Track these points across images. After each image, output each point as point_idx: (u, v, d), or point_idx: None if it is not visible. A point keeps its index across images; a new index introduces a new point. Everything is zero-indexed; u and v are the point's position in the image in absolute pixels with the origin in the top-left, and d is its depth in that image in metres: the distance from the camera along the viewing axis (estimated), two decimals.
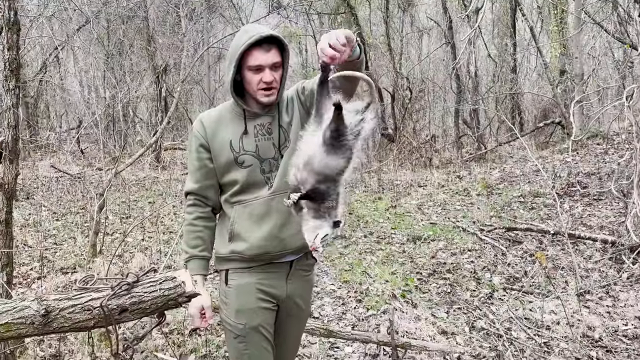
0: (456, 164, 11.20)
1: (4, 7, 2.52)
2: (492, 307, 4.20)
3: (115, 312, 1.43)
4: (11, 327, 1.44)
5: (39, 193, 8.15)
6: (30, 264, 5.09)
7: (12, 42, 2.53)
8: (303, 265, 2.08)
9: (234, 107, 2.00)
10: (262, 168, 1.95)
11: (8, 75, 2.56)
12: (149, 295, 1.45)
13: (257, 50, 1.84)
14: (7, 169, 2.60)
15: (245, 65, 1.87)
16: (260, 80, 1.87)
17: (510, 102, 14.58)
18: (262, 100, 1.91)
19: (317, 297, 4.52)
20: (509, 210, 7.19)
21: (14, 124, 2.59)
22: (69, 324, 1.45)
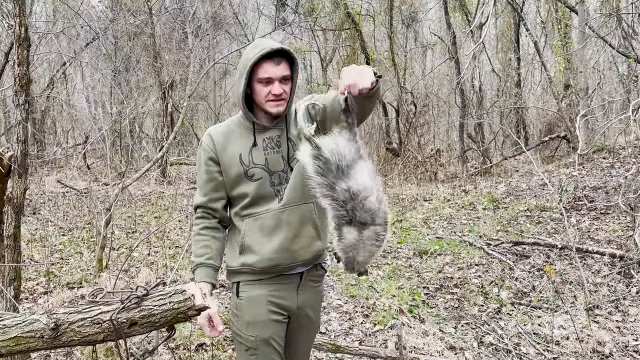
0: (462, 178, 11.18)
1: (15, 23, 2.55)
2: (501, 322, 4.16)
3: (124, 326, 1.43)
4: (20, 341, 1.43)
5: (46, 208, 8.18)
6: (37, 279, 5.10)
7: (23, 57, 2.56)
8: (313, 276, 2.09)
9: (242, 121, 2.02)
10: (271, 181, 1.96)
11: (18, 90, 2.59)
12: (158, 309, 1.44)
13: (267, 63, 1.87)
14: (16, 183, 2.61)
15: (255, 77, 1.90)
16: (269, 92, 1.89)
17: (515, 116, 14.58)
18: (270, 110, 1.93)
19: (324, 312, 4.49)
20: (516, 225, 7.15)
21: (23, 138, 2.61)
22: (78, 338, 1.44)
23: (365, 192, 1.59)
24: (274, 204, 1.96)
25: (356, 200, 1.58)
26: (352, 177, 1.61)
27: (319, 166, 1.62)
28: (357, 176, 1.61)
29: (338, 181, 1.61)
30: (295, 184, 1.97)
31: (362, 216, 1.61)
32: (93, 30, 11.38)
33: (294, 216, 1.97)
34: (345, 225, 1.63)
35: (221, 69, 16.83)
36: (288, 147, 1.99)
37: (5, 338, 1.44)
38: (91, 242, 6.35)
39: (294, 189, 1.97)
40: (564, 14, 11.85)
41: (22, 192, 2.63)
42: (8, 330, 1.45)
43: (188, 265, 5.60)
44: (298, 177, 1.96)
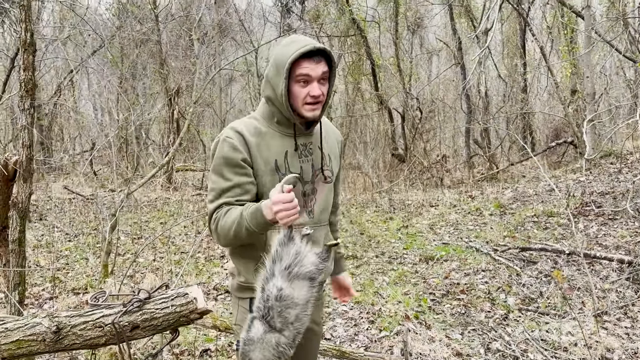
0: (468, 184, 11.14)
1: (20, 29, 2.56)
2: (508, 329, 4.12)
3: (127, 329, 1.42)
4: (22, 344, 1.43)
5: (52, 214, 8.21)
6: (43, 284, 5.10)
7: (28, 63, 2.57)
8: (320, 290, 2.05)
9: (270, 122, 1.82)
10: (303, 190, 1.83)
11: (24, 95, 2.59)
12: (160, 312, 1.43)
13: (306, 61, 1.69)
14: (21, 188, 2.61)
15: (293, 75, 1.71)
16: (307, 94, 1.72)
17: (521, 121, 14.54)
18: (307, 114, 1.75)
19: (329, 319, 4.47)
20: (523, 230, 7.10)
21: (28, 143, 2.62)
22: (81, 341, 1.43)
23: (291, 303, 1.55)
24: (304, 219, 1.83)
25: (278, 303, 1.54)
26: (292, 285, 1.55)
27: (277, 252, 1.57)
28: (297, 288, 1.56)
29: (277, 276, 1.55)
30: (326, 202, 1.91)
31: (274, 319, 1.55)
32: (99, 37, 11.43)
33: (320, 235, 1.89)
34: (258, 319, 1.58)
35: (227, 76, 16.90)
36: (321, 156, 1.86)
37: (7, 341, 1.43)
38: (97, 248, 6.36)
39: (324, 207, 1.90)
40: (570, 19, 11.82)
41: (27, 196, 2.63)
42: (10, 333, 1.44)
43: (193, 270, 5.60)
44: (328, 196, 1.92)
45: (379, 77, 13.94)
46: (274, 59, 1.75)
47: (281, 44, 1.76)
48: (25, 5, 2.55)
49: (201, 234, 7.04)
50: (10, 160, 2.62)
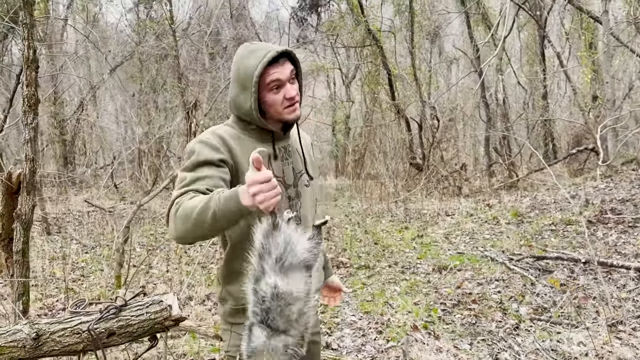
0: (486, 193, 11.01)
1: (24, 46, 2.64)
2: (518, 339, 4.04)
3: (103, 336, 1.44)
4: (4, 350, 1.46)
5: (71, 227, 8.38)
6: (57, 295, 5.20)
7: (31, 79, 2.65)
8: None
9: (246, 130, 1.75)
10: (288, 195, 1.76)
11: (27, 110, 2.66)
12: (136, 319, 1.45)
13: (272, 67, 1.64)
14: (25, 200, 2.68)
15: (263, 86, 1.65)
16: (283, 98, 1.67)
17: (542, 129, 14.34)
18: (289, 117, 1.70)
19: (337, 329, 4.45)
20: (540, 239, 6.98)
21: (31, 157, 2.69)
22: (59, 348, 1.46)
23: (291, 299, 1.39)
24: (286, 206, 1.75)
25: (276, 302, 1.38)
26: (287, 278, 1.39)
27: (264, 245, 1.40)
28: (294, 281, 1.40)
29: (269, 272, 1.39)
30: (311, 206, 1.85)
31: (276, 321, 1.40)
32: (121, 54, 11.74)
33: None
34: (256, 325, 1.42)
35: None
36: (300, 158, 1.83)
37: None
38: (112, 260, 6.46)
39: (310, 212, 1.84)
40: (588, 25, 11.65)
41: (31, 208, 2.70)
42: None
43: (205, 281, 5.64)
44: (312, 199, 1.87)
45: (396, 86, 13.93)
46: (236, 75, 1.69)
47: (239, 56, 1.69)
48: (29, 23, 2.63)
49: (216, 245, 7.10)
50: (14, 173, 2.69)
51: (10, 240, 3.02)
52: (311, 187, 1.86)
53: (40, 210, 7.93)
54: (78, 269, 6.17)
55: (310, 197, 1.86)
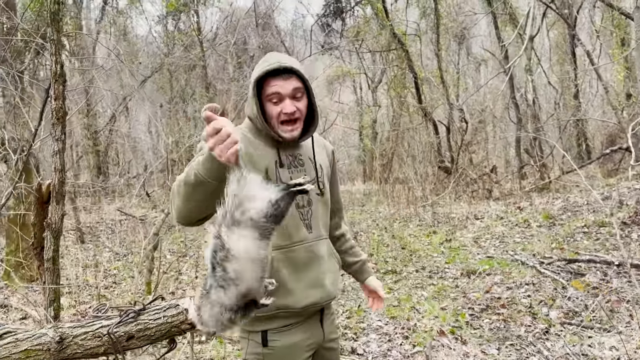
0: (517, 195, 10.82)
1: (51, 61, 2.74)
2: (547, 343, 3.96)
3: (122, 339, 1.49)
4: (30, 354, 1.52)
5: (104, 235, 8.60)
6: (90, 302, 5.34)
7: (59, 92, 2.75)
8: (329, 304, 1.96)
9: (257, 134, 1.78)
10: (296, 202, 1.76)
11: (55, 123, 2.76)
12: (154, 323, 1.50)
13: (274, 79, 1.68)
14: (54, 210, 2.77)
15: (264, 95, 1.71)
16: (280, 112, 1.70)
17: (574, 129, 14.03)
18: (284, 135, 1.72)
19: (363, 334, 4.44)
20: (572, 242, 6.83)
21: (60, 167, 2.79)
22: (82, 351, 1.52)
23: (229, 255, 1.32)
24: (305, 234, 1.77)
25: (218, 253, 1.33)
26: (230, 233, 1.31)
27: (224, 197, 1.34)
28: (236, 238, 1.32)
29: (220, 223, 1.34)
30: (323, 214, 1.86)
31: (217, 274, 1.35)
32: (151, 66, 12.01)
33: (323, 250, 1.83)
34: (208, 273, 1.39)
35: None
36: (315, 168, 1.84)
37: (17, 350, 1.54)
38: (143, 267, 6.60)
39: (322, 220, 1.85)
40: (619, 22, 11.36)
41: (60, 217, 2.79)
42: (20, 343, 1.54)
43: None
44: (324, 208, 1.88)
45: (422, 89, 13.85)
46: (251, 79, 1.74)
47: (257, 65, 1.75)
48: (55, 39, 2.73)
49: None
50: (43, 184, 2.79)
51: (42, 248, 3.14)
52: (323, 197, 1.88)
53: (74, 220, 8.17)
54: (110, 276, 6.33)
55: (322, 206, 1.87)
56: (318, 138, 1.96)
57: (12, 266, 5.48)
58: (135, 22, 15.81)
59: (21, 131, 5.34)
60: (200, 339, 4.05)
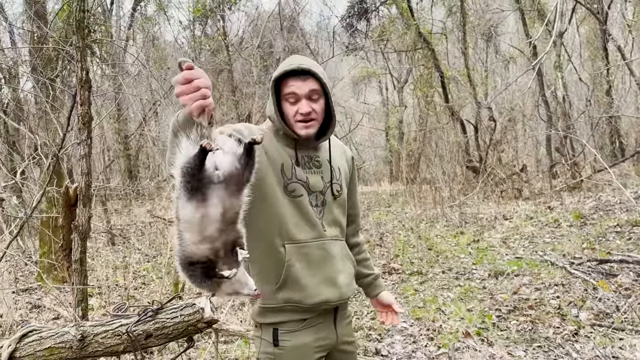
0: (547, 195, 10.60)
1: (77, 68, 2.82)
2: (577, 345, 3.87)
3: (141, 338, 1.53)
4: (53, 351, 1.58)
5: (134, 237, 8.77)
6: (119, 302, 5.46)
7: (84, 98, 2.83)
8: (345, 306, 1.96)
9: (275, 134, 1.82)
10: (309, 200, 1.78)
11: (81, 127, 2.84)
12: (171, 321, 1.53)
13: (292, 79, 1.73)
14: (82, 212, 2.85)
15: (282, 95, 1.76)
16: (296, 111, 1.75)
17: (607, 126, 13.67)
18: (300, 132, 1.76)
19: (387, 335, 4.42)
20: (604, 242, 6.66)
21: (86, 171, 2.86)
22: (102, 349, 1.56)
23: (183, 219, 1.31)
24: (319, 232, 1.78)
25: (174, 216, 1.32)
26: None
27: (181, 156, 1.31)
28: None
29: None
30: (338, 216, 1.88)
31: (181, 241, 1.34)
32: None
33: (337, 250, 1.84)
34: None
35: None
36: (331, 170, 1.86)
37: (41, 348, 1.59)
38: (171, 268, 6.71)
39: (337, 222, 1.87)
40: None
41: (87, 220, 2.87)
42: (44, 341, 1.60)
43: None
44: (339, 210, 1.89)
45: (449, 88, 13.71)
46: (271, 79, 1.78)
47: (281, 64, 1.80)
48: (81, 46, 2.81)
49: None
50: (71, 187, 2.86)
51: (70, 250, 3.23)
52: (339, 200, 1.89)
53: (105, 222, 8.36)
54: (139, 277, 6.46)
55: (338, 208, 1.89)
56: (337, 142, 1.99)
57: (45, 268, 5.65)
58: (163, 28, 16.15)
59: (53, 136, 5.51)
60: (224, 338, 4.10)
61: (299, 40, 15.03)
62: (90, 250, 7.46)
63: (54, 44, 5.42)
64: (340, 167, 1.94)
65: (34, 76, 5.33)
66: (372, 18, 14.01)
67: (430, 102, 15.09)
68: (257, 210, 1.64)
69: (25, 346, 1.58)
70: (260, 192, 1.64)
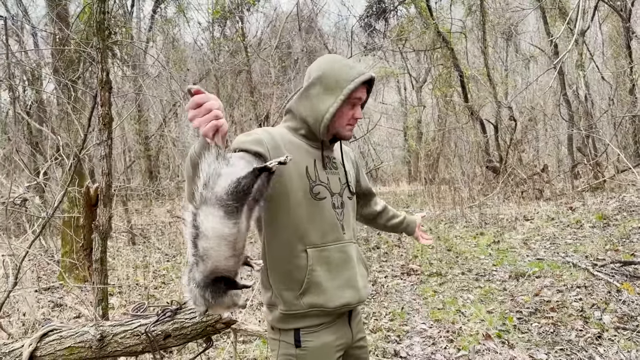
0: (569, 195, 10.43)
1: (97, 69, 2.85)
2: (600, 349, 3.80)
3: (160, 338, 1.53)
4: (73, 350, 1.59)
5: (154, 237, 8.85)
6: (139, 301, 5.52)
7: (105, 99, 2.85)
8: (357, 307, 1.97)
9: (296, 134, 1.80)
10: (332, 202, 1.78)
11: (102, 128, 2.87)
12: (189, 322, 1.53)
13: (362, 86, 1.77)
14: (102, 212, 2.88)
15: (347, 98, 1.75)
16: (352, 115, 1.79)
17: (630, 125, 13.40)
18: (346, 134, 1.81)
19: (407, 337, 4.39)
20: (628, 243, 6.52)
21: (107, 171, 2.89)
22: (121, 349, 1.57)
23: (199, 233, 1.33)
24: (340, 234, 1.78)
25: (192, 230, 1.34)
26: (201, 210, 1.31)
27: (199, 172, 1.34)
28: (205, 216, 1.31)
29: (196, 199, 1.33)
30: (352, 217, 1.91)
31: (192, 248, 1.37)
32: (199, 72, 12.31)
33: (354, 253, 1.85)
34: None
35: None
36: (345, 171, 1.89)
37: (61, 347, 1.61)
38: None
39: (352, 224, 1.89)
40: None
41: (107, 220, 2.89)
42: (64, 340, 1.62)
43: None
44: (353, 212, 1.93)
45: (469, 88, 13.57)
46: (323, 77, 1.75)
47: (330, 64, 1.77)
48: (101, 48, 2.84)
49: None
50: (91, 187, 2.89)
51: (91, 250, 3.26)
52: (352, 201, 1.93)
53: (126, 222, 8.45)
54: (160, 277, 6.51)
55: (352, 211, 1.93)
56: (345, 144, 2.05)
57: (66, 267, 5.73)
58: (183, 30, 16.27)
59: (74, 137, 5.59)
60: (243, 338, 4.11)
61: (317, 40, 15.03)
62: (111, 249, 7.56)
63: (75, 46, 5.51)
64: (351, 167, 2.01)
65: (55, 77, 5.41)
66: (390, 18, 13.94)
67: (450, 101, 14.96)
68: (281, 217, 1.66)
69: (46, 345, 1.60)
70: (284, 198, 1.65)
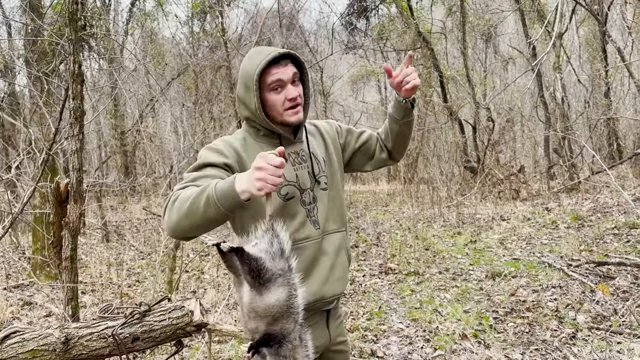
0: (545, 196, 10.57)
1: (69, 61, 2.76)
2: (574, 348, 3.83)
3: (127, 341, 1.47)
4: (36, 354, 1.52)
5: (129, 234, 8.70)
6: (113, 300, 5.40)
7: (77, 92, 2.76)
8: (337, 305, 1.92)
9: (257, 136, 1.75)
10: (302, 199, 1.74)
11: (73, 122, 2.78)
12: (159, 324, 1.48)
13: (274, 67, 1.66)
14: (72, 209, 2.79)
15: (264, 86, 1.67)
16: (284, 98, 1.67)
17: (605, 128, 13.64)
18: (290, 120, 1.70)
19: (384, 336, 4.37)
20: (602, 244, 6.62)
21: (78, 167, 2.80)
22: (87, 352, 1.50)
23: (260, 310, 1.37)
24: (311, 230, 1.74)
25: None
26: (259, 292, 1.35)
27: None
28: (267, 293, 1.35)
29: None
30: (330, 208, 1.83)
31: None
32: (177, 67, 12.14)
33: (331, 244, 1.80)
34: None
35: None
36: (312, 162, 1.79)
37: (23, 350, 1.53)
38: (166, 266, 6.64)
39: (332, 214, 1.82)
40: None
41: (78, 216, 2.80)
42: (26, 343, 1.54)
43: None
44: (332, 201, 1.84)
45: (448, 88, 13.66)
46: (241, 75, 1.71)
47: (245, 60, 1.72)
48: (73, 39, 2.75)
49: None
50: (61, 183, 2.80)
51: (61, 247, 3.16)
52: (327, 192, 1.83)
53: (100, 219, 8.29)
54: (134, 275, 6.39)
55: (331, 200, 1.84)
56: (309, 127, 1.91)
57: (37, 264, 5.58)
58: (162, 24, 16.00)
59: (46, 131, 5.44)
60: (218, 339, 4.04)
61: (298, 37, 14.97)
62: (84, 246, 7.39)
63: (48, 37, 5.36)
64: (322, 153, 1.87)
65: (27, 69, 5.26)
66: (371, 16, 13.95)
67: (429, 101, 15.03)
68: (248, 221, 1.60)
69: (7, 348, 1.52)
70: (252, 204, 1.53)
